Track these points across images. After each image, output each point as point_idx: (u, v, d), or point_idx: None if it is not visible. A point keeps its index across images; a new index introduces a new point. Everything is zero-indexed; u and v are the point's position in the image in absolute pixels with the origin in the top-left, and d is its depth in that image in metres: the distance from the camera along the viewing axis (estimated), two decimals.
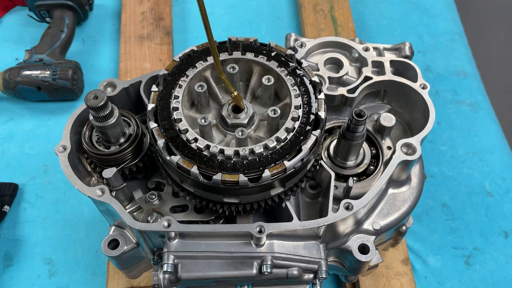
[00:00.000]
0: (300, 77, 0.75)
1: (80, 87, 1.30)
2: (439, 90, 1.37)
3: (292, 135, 0.70)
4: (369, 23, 1.51)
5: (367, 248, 0.80)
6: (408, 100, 0.92)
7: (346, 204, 0.75)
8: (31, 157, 1.23)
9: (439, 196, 1.20)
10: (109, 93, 0.83)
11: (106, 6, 1.52)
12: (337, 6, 1.44)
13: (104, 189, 0.74)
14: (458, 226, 1.16)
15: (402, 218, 0.85)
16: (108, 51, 1.42)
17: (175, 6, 1.52)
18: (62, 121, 0.82)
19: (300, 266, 0.80)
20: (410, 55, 0.97)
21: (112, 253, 0.76)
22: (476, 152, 1.27)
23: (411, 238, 1.13)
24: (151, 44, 1.36)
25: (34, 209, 1.16)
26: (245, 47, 0.79)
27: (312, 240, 0.80)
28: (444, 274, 1.10)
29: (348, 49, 0.96)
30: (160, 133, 0.70)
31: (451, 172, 1.23)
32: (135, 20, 1.40)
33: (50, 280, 1.07)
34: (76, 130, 0.81)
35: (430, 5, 1.56)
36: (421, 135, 0.82)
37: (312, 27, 1.40)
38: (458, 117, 1.33)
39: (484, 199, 1.20)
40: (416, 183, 0.88)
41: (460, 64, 1.43)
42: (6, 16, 1.49)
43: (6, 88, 1.25)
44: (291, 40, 0.97)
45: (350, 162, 0.86)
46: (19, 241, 1.11)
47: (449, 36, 1.49)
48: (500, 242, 1.14)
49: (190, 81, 0.75)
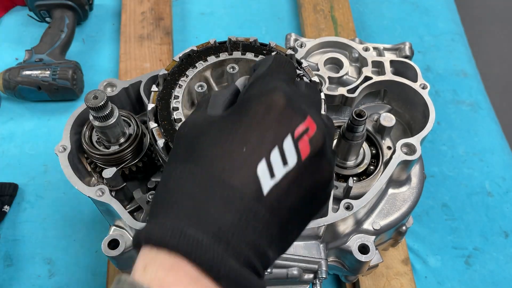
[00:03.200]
0: (300, 77, 0.75)
1: (80, 87, 1.30)
2: (439, 90, 1.37)
3: None
4: (369, 23, 1.51)
5: (367, 248, 0.80)
6: (408, 100, 0.92)
7: (346, 204, 0.75)
8: (31, 157, 1.23)
9: (439, 196, 1.20)
10: (109, 93, 0.83)
11: (106, 6, 1.52)
12: (337, 6, 1.44)
13: (104, 189, 0.74)
14: (458, 226, 1.16)
15: (402, 218, 0.85)
16: (108, 51, 1.42)
17: (175, 6, 1.52)
18: (62, 121, 0.82)
19: (300, 266, 0.80)
20: (410, 55, 0.97)
21: (112, 253, 0.76)
22: (476, 152, 1.27)
23: (411, 238, 1.13)
24: (151, 44, 1.36)
25: (34, 209, 1.16)
26: (245, 47, 0.79)
27: (312, 240, 0.80)
28: (444, 274, 1.10)
29: (348, 49, 0.96)
30: (160, 133, 0.70)
31: (451, 172, 1.23)
32: (135, 20, 1.40)
33: (50, 280, 1.07)
34: (76, 130, 0.81)
35: (430, 5, 1.56)
36: (421, 135, 0.82)
37: (312, 27, 1.40)
38: (458, 117, 1.33)
39: (484, 199, 1.20)
40: (416, 183, 0.88)
41: (460, 64, 1.43)
42: (6, 16, 1.49)
43: (6, 88, 1.25)
44: (291, 40, 0.97)
45: (350, 162, 0.86)
46: (19, 241, 1.11)
47: (449, 36, 1.49)
48: (500, 242, 1.14)
49: (190, 81, 0.75)
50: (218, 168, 0.47)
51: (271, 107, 0.49)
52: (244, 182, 0.46)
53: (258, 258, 0.46)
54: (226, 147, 0.48)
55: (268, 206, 0.47)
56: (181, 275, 0.43)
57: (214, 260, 0.43)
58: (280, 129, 0.48)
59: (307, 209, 0.52)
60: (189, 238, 0.43)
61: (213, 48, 0.79)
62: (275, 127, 0.48)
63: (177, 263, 0.43)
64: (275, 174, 0.47)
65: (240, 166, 0.46)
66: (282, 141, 0.48)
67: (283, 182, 0.47)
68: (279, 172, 0.47)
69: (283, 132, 0.48)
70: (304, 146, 0.49)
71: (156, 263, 0.44)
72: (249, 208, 0.46)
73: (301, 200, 0.50)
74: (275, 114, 0.49)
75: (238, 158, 0.47)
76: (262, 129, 0.48)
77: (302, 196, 0.50)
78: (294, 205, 0.49)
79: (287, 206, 0.48)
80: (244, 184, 0.46)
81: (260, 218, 0.46)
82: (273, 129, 0.48)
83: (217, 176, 0.46)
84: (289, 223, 0.49)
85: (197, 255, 0.43)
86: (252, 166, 0.46)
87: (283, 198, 0.48)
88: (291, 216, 0.49)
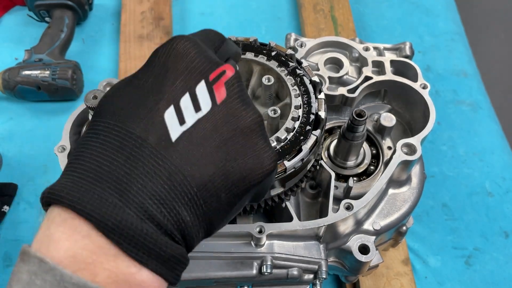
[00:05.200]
0: (300, 77, 0.75)
1: (79, 87, 1.29)
2: (439, 90, 1.37)
3: (292, 135, 0.70)
4: (369, 23, 1.51)
5: (367, 248, 0.79)
6: (408, 100, 0.92)
7: (346, 204, 0.75)
8: (31, 157, 1.23)
9: (439, 196, 1.20)
10: None
11: (106, 6, 1.51)
12: (337, 6, 1.44)
13: None
14: (458, 226, 1.16)
15: (402, 218, 0.85)
16: (107, 51, 1.42)
17: (175, 6, 1.51)
18: (62, 121, 0.81)
19: (300, 267, 0.79)
20: (411, 55, 0.97)
21: None
22: (476, 152, 1.27)
23: (411, 238, 1.12)
24: (151, 44, 1.36)
25: (33, 209, 1.16)
26: (245, 47, 0.78)
27: (312, 240, 0.80)
28: (444, 274, 1.09)
29: (348, 49, 0.96)
30: None
31: (451, 172, 1.23)
32: (134, 20, 1.40)
33: None
34: (75, 130, 0.81)
35: (430, 5, 1.55)
36: (421, 135, 0.82)
37: (312, 26, 1.40)
38: (458, 117, 1.33)
39: (484, 199, 1.20)
40: (417, 183, 0.88)
41: (461, 64, 1.43)
42: (5, 16, 1.49)
43: (5, 88, 1.24)
44: (291, 40, 0.97)
45: (350, 162, 0.86)
46: (19, 242, 1.11)
47: (450, 36, 1.49)
48: (501, 242, 1.14)
49: None
50: (121, 118, 0.44)
51: (180, 55, 0.46)
52: (147, 129, 0.43)
53: (163, 213, 0.41)
54: (134, 98, 0.45)
55: (177, 152, 0.42)
56: (70, 230, 0.40)
57: (104, 212, 0.39)
58: (190, 74, 0.45)
59: (233, 163, 0.45)
60: (79, 191, 0.40)
61: None
62: (185, 73, 0.45)
63: (69, 218, 0.40)
64: (185, 120, 0.44)
65: (145, 114, 0.44)
66: (193, 87, 0.45)
67: (197, 128, 0.44)
68: (190, 118, 0.44)
69: (193, 77, 0.45)
70: (220, 89, 0.45)
71: (50, 219, 0.42)
72: (149, 155, 0.42)
73: (220, 149, 0.44)
74: (184, 61, 0.46)
75: (143, 106, 0.44)
76: (170, 76, 0.45)
77: (221, 143, 0.45)
78: (212, 155, 0.44)
79: (202, 154, 0.43)
80: (146, 130, 0.43)
81: (165, 166, 0.42)
82: (183, 76, 0.45)
83: (120, 126, 0.43)
84: (207, 176, 0.43)
85: (84, 207, 0.39)
86: (158, 114, 0.43)
87: (196, 144, 0.43)
88: (209, 168, 0.44)
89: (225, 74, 0.46)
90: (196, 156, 0.43)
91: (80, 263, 0.38)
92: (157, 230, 0.41)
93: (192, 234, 0.44)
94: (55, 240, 0.40)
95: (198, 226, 0.44)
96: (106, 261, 0.39)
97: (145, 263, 0.40)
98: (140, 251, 0.40)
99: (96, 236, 0.39)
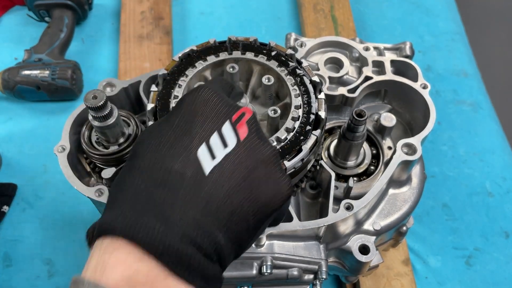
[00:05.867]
0: (300, 77, 0.75)
1: (79, 87, 1.29)
2: (439, 90, 1.37)
3: (292, 135, 0.69)
4: (369, 23, 1.51)
5: (367, 248, 0.79)
6: (408, 100, 0.92)
7: (346, 205, 0.75)
8: (30, 157, 1.23)
9: (440, 196, 1.20)
10: (109, 93, 0.83)
11: (106, 5, 1.51)
12: (337, 5, 1.44)
13: (103, 189, 0.73)
14: (459, 226, 1.16)
15: (402, 218, 0.85)
16: (107, 51, 1.42)
17: (174, 6, 1.51)
18: (62, 121, 0.81)
19: (300, 267, 0.79)
20: (411, 54, 0.97)
21: None
22: (476, 152, 1.26)
23: (412, 238, 1.12)
24: (150, 43, 1.36)
25: (33, 210, 1.15)
26: (245, 47, 0.78)
27: (312, 240, 0.80)
28: (444, 274, 1.09)
29: (349, 48, 0.96)
30: None
31: (452, 172, 1.23)
32: (134, 20, 1.40)
33: (49, 281, 1.07)
34: (75, 130, 0.81)
35: (430, 5, 1.55)
36: (421, 135, 0.82)
37: (312, 26, 1.39)
38: (458, 117, 1.33)
39: (484, 199, 1.19)
40: (417, 183, 0.88)
41: (461, 64, 1.43)
42: (5, 16, 1.49)
43: (5, 88, 1.24)
44: (291, 40, 0.97)
45: (351, 162, 0.86)
46: (18, 242, 1.11)
47: (450, 36, 1.49)
48: (501, 243, 1.14)
49: (189, 81, 0.75)
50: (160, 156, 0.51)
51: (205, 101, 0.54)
52: (184, 165, 0.49)
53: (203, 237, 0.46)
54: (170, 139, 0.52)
55: (211, 183, 0.49)
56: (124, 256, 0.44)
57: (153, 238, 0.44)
58: (217, 117, 0.53)
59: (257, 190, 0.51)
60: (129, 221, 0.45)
61: (213, 47, 0.78)
62: (212, 116, 0.53)
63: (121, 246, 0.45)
64: (216, 155, 0.50)
65: (181, 152, 0.50)
66: (220, 127, 0.52)
67: (226, 161, 0.50)
68: (220, 154, 0.50)
69: (220, 119, 0.53)
70: (242, 128, 0.53)
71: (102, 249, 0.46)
72: (189, 187, 0.48)
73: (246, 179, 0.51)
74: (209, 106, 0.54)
75: (179, 146, 0.51)
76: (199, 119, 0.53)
77: (246, 174, 0.51)
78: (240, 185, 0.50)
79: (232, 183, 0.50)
80: (183, 166, 0.49)
81: (202, 196, 0.48)
82: (210, 118, 0.53)
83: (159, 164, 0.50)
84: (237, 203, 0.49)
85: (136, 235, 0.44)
86: (192, 151, 0.50)
87: (226, 176, 0.50)
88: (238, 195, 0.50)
89: (245, 115, 0.54)
90: (226, 186, 0.49)
91: (136, 284, 0.43)
92: (198, 252, 0.46)
93: (226, 255, 0.49)
94: (110, 265, 0.44)
95: (230, 248, 0.50)
96: (158, 281, 0.44)
97: (193, 282, 0.45)
98: (187, 271, 0.45)
99: (148, 260, 0.44)
